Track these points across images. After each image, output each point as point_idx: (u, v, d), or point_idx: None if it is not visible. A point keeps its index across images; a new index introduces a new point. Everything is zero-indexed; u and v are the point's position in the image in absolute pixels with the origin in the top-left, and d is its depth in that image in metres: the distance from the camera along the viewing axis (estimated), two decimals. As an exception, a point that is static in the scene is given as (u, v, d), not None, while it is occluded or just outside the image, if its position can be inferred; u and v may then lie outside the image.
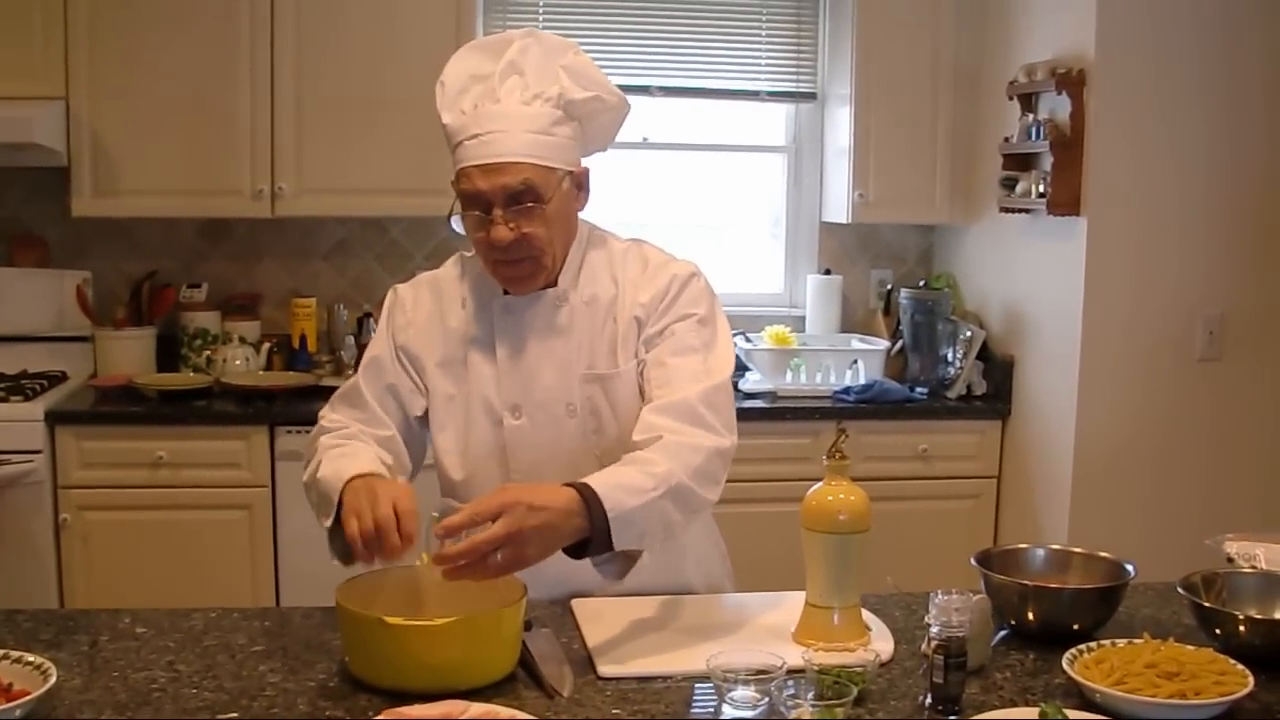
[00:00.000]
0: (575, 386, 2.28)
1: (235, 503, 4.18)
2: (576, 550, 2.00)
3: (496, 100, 2.18)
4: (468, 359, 2.32)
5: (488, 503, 1.90)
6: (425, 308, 2.37)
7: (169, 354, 4.63)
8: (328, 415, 2.36)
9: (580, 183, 2.28)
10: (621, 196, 4.98)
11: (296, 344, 4.64)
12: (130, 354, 4.51)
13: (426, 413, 2.35)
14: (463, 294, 2.35)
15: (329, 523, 2.12)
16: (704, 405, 2.16)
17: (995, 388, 4.58)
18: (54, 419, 4.06)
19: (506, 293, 2.29)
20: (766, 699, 1.77)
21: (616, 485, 2.01)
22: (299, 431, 4.11)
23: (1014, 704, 1.82)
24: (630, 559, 2.09)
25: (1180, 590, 2.09)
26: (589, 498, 1.96)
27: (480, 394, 2.30)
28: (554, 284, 2.29)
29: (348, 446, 2.23)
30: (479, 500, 1.93)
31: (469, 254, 2.37)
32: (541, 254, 2.22)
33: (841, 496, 2.03)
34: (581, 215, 2.34)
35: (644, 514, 2.01)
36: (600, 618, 2.14)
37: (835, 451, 2.05)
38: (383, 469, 2.17)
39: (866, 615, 2.10)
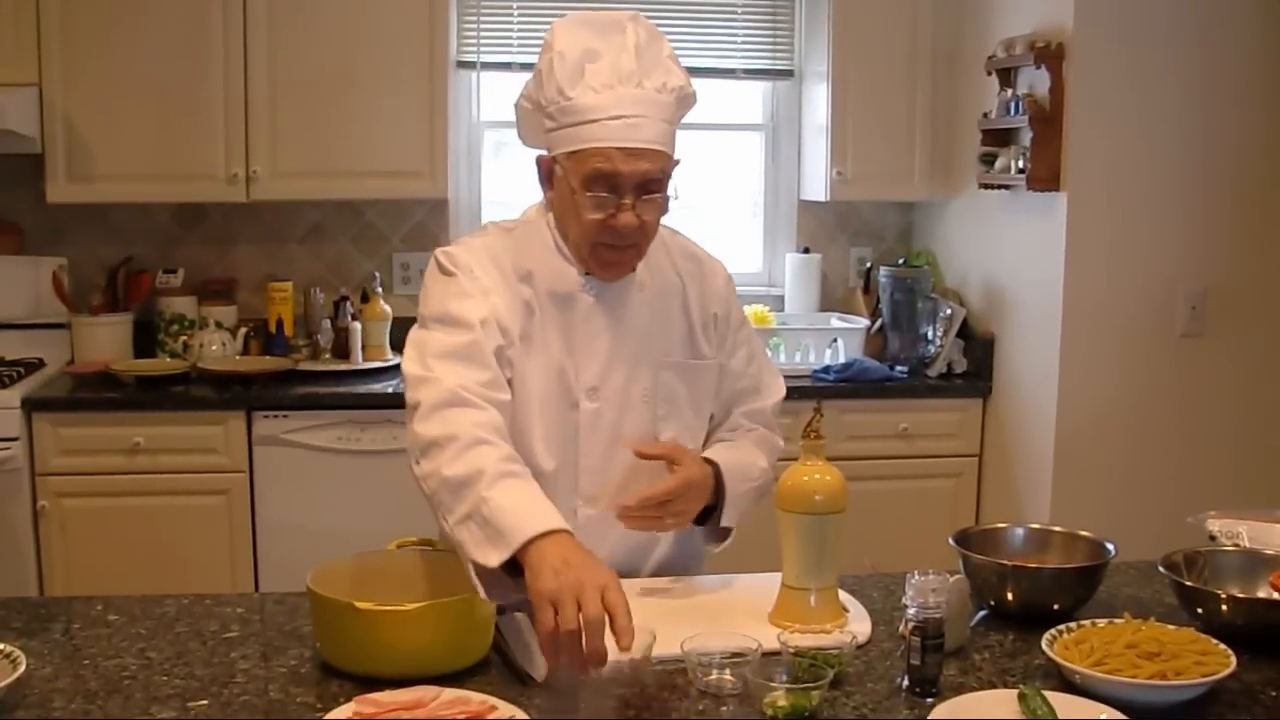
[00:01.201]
0: (651, 373, 2.27)
1: (213, 488, 4.15)
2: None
3: (639, 84, 2.15)
4: (534, 336, 2.22)
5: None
6: (494, 276, 2.20)
7: (146, 340, 4.61)
8: (452, 374, 2.04)
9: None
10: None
11: (273, 328, 4.61)
12: (107, 340, 4.49)
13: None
14: (519, 268, 2.24)
15: (497, 563, 1.80)
16: (775, 416, 2.47)
17: (976, 365, 4.57)
18: (31, 406, 4.04)
19: (585, 274, 2.24)
20: (742, 682, 1.75)
21: (736, 468, 2.28)
22: (276, 416, 4.11)
23: (993, 685, 1.81)
24: (724, 533, 2.32)
25: (1161, 569, 2.08)
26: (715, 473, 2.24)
27: (556, 375, 2.22)
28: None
29: (518, 470, 1.96)
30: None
31: (508, 226, 2.30)
32: (646, 242, 2.21)
33: (817, 477, 2.02)
34: None
35: (744, 500, 2.29)
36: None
37: (810, 431, 2.04)
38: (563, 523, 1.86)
39: (844, 596, 2.09)
